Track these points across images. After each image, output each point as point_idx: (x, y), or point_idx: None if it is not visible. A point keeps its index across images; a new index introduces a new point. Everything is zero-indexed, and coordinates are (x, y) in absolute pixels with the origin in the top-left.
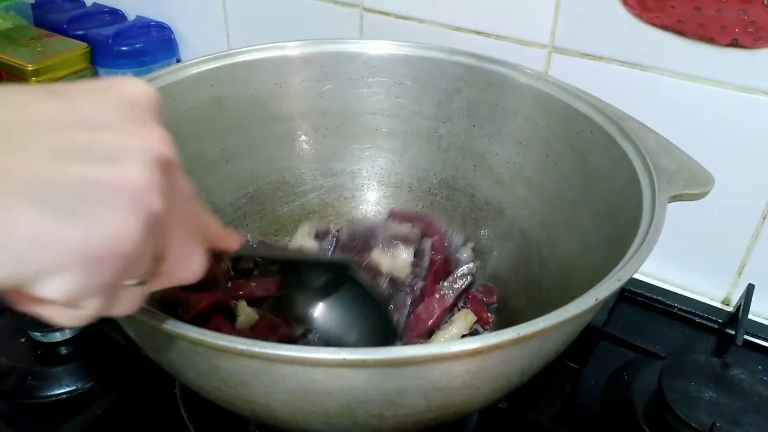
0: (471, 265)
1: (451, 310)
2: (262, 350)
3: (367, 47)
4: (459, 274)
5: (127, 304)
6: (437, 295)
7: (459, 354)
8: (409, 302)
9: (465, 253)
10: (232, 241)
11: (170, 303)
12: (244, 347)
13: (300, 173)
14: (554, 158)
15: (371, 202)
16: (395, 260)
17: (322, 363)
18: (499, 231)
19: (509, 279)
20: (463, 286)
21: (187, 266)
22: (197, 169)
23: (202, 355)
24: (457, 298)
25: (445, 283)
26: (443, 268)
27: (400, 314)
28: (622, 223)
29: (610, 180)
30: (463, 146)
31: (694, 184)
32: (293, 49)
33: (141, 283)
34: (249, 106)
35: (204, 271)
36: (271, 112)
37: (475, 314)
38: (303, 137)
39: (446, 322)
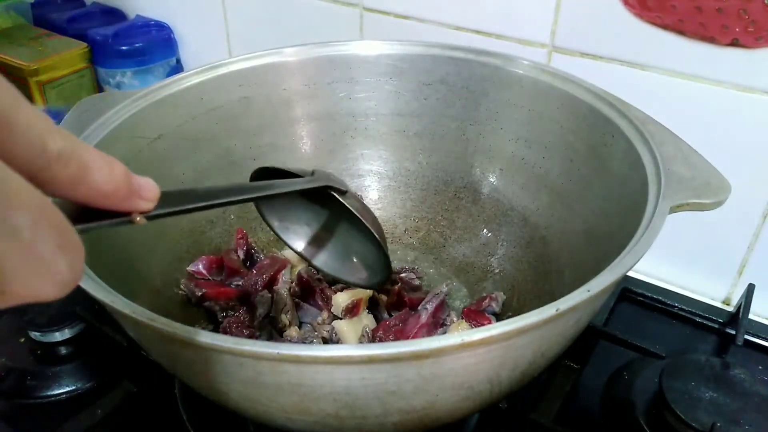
0: (444, 287)
1: (437, 326)
2: (203, 340)
3: (394, 48)
4: (431, 296)
5: None
6: (412, 316)
7: (400, 356)
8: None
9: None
10: (146, 193)
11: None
12: (186, 335)
13: None
14: (577, 163)
15: (397, 204)
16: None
17: (262, 356)
18: (521, 238)
19: (526, 288)
20: (436, 304)
21: (41, 274)
22: (224, 167)
23: (162, 343)
24: (435, 315)
25: (419, 306)
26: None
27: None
28: (630, 231)
29: (625, 187)
30: (490, 149)
31: (706, 193)
32: (321, 51)
33: None
34: (277, 107)
35: (75, 280)
36: (298, 113)
37: (473, 322)
38: (330, 138)
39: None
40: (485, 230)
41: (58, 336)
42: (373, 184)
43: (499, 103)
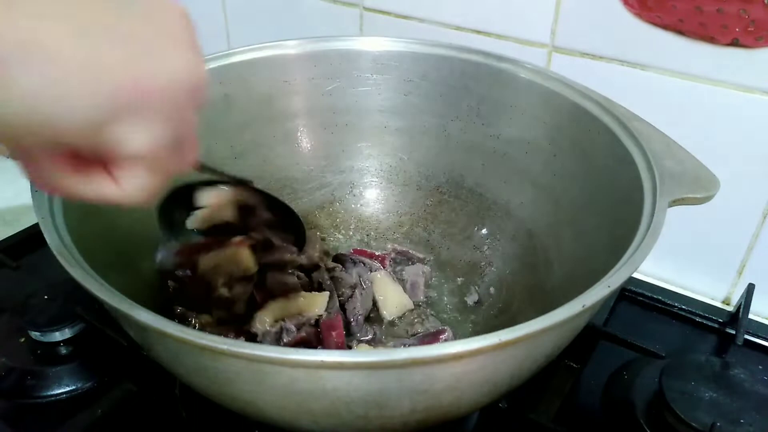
0: None
1: None
2: (242, 350)
3: (375, 44)
4: None
5: (165, 174)
6: None
7: (440, 358)
8: None
9: None
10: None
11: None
12: (225, 347)
13: (308, 170)
14: (561, 158)
15: (380, 199)
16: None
17: (302, 364)
18: (506, 231)
19: (514, 280)
20: None
21: (193, 152)
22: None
23: (188, 353)
24: None
25: None
26: None
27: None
28: (624, 225)
29: (614, 181)
30: (471, 145)
31: (697, 188)
32: (301, 47)
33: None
34: (257, 104)
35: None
36: (279, 110)
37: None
38: (311, 134)
39: None
40: (469, 224)
41: (58, 336)
42: (355, 180)
43: (480, 100)
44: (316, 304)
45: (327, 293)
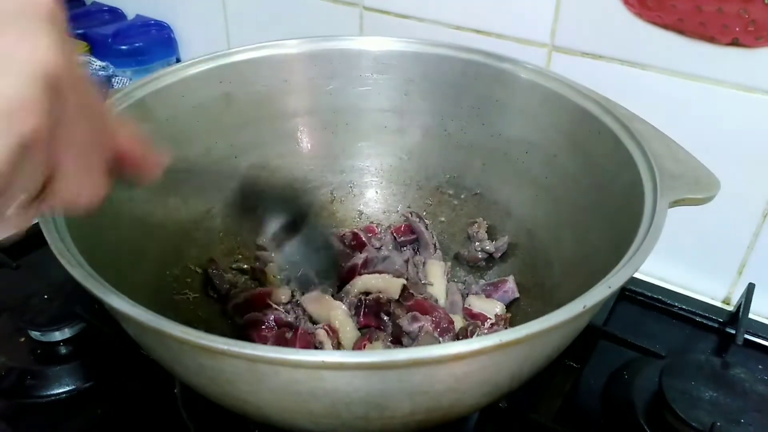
0: None
1: None
2: (242, 350)
3: (376, 44)
4: None
5: (16, 220)
6: None
7: (440, 359)
8: None
9: None
10: (154, 164)
11: None
12: (225, 347)
13: (308, 170)
14: (561, 158)
15: (380, 199)
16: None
17: (302, 365)
18: (506, 231)
19: (514, 280)
20: None
21: (83, 186)
22: (206, 164)
23: (188, 353)
24: None
25: None
26: None
27: None
28: (624, 226)
29: (614, 182)
30: (471, 144)
31: (698, 189)
32: (301, 46)
33: (32, 199)
34: (257, 103)
35: (103, 195)
36: (279, 109)
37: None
38: (311, 134)
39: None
40: (469, 224)
41: (58, 335)
42: (355, 179)
43: (480, 99)
44: (394, 287)
45: (403, 279)
